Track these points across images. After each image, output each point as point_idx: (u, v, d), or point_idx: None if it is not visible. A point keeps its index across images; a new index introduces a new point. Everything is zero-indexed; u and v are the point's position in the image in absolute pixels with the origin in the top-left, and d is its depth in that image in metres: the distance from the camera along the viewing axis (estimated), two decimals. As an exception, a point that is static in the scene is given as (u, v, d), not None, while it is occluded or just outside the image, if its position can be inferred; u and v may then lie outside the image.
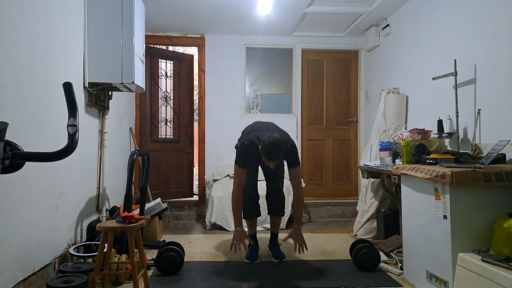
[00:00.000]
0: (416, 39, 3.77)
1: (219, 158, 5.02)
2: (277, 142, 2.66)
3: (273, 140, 2.66)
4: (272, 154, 2.66)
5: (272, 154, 2.66)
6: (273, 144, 2.65)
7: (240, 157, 2.91)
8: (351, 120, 5.26)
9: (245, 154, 2.88)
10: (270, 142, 2.65)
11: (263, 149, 2.68)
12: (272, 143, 2.65)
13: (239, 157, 2.93)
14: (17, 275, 2.04)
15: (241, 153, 2.91)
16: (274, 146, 2.65)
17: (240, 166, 2.90)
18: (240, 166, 2.90)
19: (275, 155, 2.67)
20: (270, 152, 2.66)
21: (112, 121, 3.64)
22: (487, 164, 2.26)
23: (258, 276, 2.79)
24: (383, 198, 3.78)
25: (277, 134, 2.75)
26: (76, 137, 1.45)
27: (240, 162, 2.90)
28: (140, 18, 3.27)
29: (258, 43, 5.13)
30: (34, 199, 2.23)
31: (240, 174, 2.92)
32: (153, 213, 3.71)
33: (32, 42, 2.19)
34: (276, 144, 2.65)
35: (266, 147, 2.66)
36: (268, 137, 2.68)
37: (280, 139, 2.68)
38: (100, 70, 3.00)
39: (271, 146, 2.65)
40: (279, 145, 2.66)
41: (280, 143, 2.67)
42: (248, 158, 2.90)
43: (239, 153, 2.93)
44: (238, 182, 2.92)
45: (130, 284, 2.58)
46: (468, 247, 2.19)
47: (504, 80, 2.60)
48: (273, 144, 2.65)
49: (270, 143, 2.65)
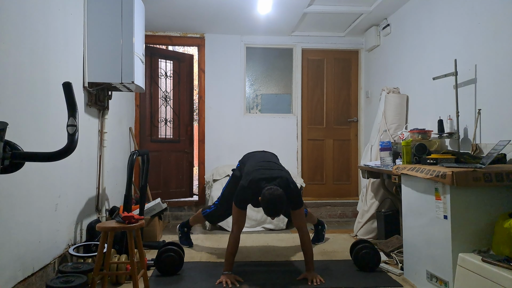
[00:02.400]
0: (416, 39, 3.77)
1: (219, 158, 5.02)
2: (278, 200, 2.52)
3: (274, 197, 2.51)
4: (272, 211, 2.54)
5: (272, 211, 2.54)
6: (274, 202, 2.51)
7: (240, 200, 2.76)
8: (351, 120, 5.26)
9: (245, 199, 2.76)
10: (271, 199, 2.51)
11: (263, 205, 2.55)
12: (273, 200, 2.51)
13: (239, 200, 2.76)
14: (17, 275, 2.04)
15: (241, 197, 2.76)
16: (275, 204, 2.52)
17: (239, 208, 2.75)
18: (240, 208, 2.75)
19: (275, 213, 2.55)
20: (270, 209, 2.54)
21: (111, 121, 3.64)
22: (487, 164, 2.26)
23: (258, 276, 2.78)
24: (384, 198, 3.77)
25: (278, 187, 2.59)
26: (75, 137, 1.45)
27: (240, 204, 2.75)
28: (140, 18, 3.27)
29: (258, 43, 5.12)
30: (34, 199, 2.22)
31: (240, 216, 2.76)
32: (153, 213, 3.71)
33: (32, 42, 2.19)
34: (277, 202, 2.52)
35: (266, 203, 2.53)
36: (269, 193, 2.53)
37: (281, 195, 2.53)
38: (100, 70, 3.00)
39: (271, 203, 2.52)
40: (280, 203, 2.52)
41: (282, 200, 2.53)
42: (247, 201, 2.79)
43: (239, 197, 2.76)
44: (238, 226, 2.75)
45: (130, 284, 2.58)
46: (469, 247, 2.18)
47: (504, 80, 2.60)
48: (274, 201, 2.51)
49: (271, 200, 2.51)
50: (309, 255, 2.74)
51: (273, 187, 2.57)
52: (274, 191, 2.53)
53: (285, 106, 5.27)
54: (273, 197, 2.51)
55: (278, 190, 2.55)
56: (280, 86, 5.29)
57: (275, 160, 3.20)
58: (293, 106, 5.22)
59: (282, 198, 2.53)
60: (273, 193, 2.52)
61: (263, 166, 2.89)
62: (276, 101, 5.28)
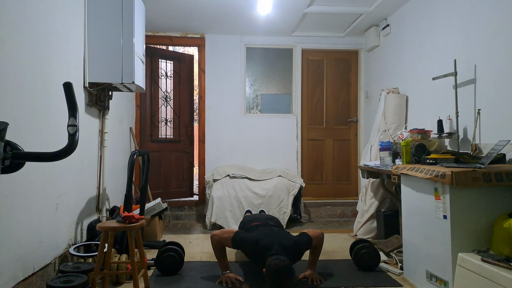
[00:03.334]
0: (416, 39, 3.77)
1: (219, 158, 5.02)
2: (286, 270, 2.30)
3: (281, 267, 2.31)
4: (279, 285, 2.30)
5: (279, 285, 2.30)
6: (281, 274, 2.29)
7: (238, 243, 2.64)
8: (351, 120, 5.27)
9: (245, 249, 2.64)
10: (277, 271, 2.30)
11: (269, 277, 2.32)
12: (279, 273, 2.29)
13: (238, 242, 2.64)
14: (17, 275, 2.04)
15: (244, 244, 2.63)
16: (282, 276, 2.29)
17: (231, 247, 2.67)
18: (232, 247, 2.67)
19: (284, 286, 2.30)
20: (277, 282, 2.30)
21: (112, 121, 3.64)
22: (487, 164, 2.26)
23: (258, 276, 2.79)
24: (383, 198, 3.78)
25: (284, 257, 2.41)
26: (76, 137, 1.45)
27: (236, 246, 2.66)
28: (140, 18, 3.27)
29: (258, 43, 5.13)
30: (34, 199, 2.23)
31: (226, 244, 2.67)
32: (153, 213, 3.72)
33: (32, 42, 2.19)
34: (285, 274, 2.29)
35: (272, 276, 2.30)
36: (275, 264, 2.32)
37: (288, 266, 2.32)
38: (100, 70, 3.00)
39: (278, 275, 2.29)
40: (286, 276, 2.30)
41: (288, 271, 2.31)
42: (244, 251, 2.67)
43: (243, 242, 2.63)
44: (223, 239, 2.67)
45: (130, 284, 2.58)
46: (468, 247, 2.19)
47: (504, 80, 2.60)
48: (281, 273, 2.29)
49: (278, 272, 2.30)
50: (316, 258, 2.75)
51: (279, 257, 2.39)
52: (280, 262, 2.33)
53: (285, 106, 5.27)
54: (281, 266, 2.31)
55: (285, 261, 2.35)
56: (280, 86, 5.29)
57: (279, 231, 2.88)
58: (293, 106, 5.23)
59: (288, 270, 2.33)
60: (278, 264, 2.32)
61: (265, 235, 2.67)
62: (276, 101, 5.28)
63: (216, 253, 2.71)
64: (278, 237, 2.63)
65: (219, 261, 2.71)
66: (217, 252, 2.70)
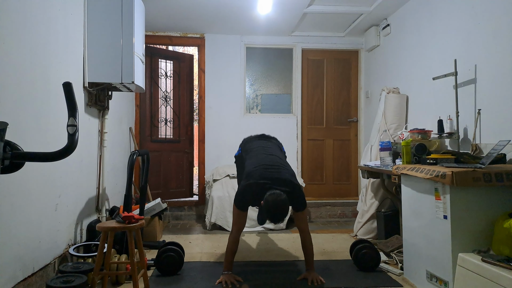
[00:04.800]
0: (416, 39, 3.77)
1: (219, 158, 5.02)
2: (282, 206, 2.42)
3: (278, 202, 2.41)
4: (275, 217, 2.44)
5: (275, 217, 2.44)
6: (277, 208, 2.41)
7: (241, 201, 2.67)
8: (351, 120, 5.26)
9: (246, 200, 2.67)
10: (274, 205, 2.41)
11: (266, 211, 2.44)
12: (276, 207, 2.41)
13: (240, 201, 2.67)
14: (17, 275, 2.04)
15: (242, 198, 2.67)
16: (278, 210, 2.41)
17: (240, 209, 2.67)
18: (240, 209, 2.67)
19: (278, 219, 2.45)
20: (273, 215, 2.43)
21: (112, 121, 3.64)
22: (487, 164, 2.26)
23: (258, 276, 2.78)
24: (383, 198, 3.77)
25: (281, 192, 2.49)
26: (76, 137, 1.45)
27: (241, 205, 2.67)
28: (140, 18, 3.27)
29: (258, 43, 5.13)
30: (34, 199, 2.22)
31: (240, 218, 2.69)
32: (153, 213, 3.71)
33: (32, 42, 2.19)
34: (281, 208, 2.42)
35: (270, 209, 2.42)
36: (272, 199, 2.42)
37: (284, 201, 2.43)
38: (100, 70, 3.00)
39: (275, 208, 2.41)
40: (283, 210, 2.42)
41: (285, 206, 2.43)
42: (248, 202, 2.70)
43: (240, 197, 2.67)
44: (238, 227, 2.68)
45: (130, 284, 2.58)
46: (468, 247, 2.18)
47: (504, 80, 2.60)
48: (277, 207, 2.41)
49: (274, 206, 2.41)
50: (310, 256, 2.73)
51: (276, 192, 2.47)
52: (277, 197, 2.43)
53: (285, 106, 5.27)
54: (276, 202, 2.41)
55: (282, 195, 2.44)
56: (280, 86, 5.29)
57: (278, 153, 3.00)
58: (293, 106, 5.22)
59: (285, 203, 2.44)
60: (276, 198, 2.42)
61: (265, 163, 2.74)
62: (276, 101, 5.28)
63: (228, 251, 2.67)
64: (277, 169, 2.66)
65: (226, 260, 2.67)
66: (230, 250, 2.66)
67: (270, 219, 2.47)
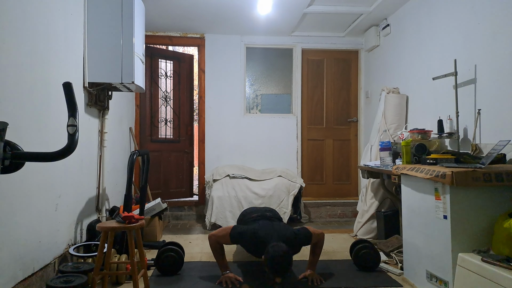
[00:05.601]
0: (416, 39, 3.77)
1: (219, 158, 5.02)
2: (284, 257, 2.33)
3: (279, 254, 2.32)
4: (279, 270, 2.33)
5: (279, 270, 2.33)
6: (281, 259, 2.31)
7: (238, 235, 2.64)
8: (351, 120, 5.26)
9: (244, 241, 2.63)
10: (276, 257, 2.32)
11: (269, 265, 2.34)
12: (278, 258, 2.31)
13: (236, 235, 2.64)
14: (17, 275, 2.04)
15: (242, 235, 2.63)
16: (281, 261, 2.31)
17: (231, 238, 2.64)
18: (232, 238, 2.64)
19: (283, 271, 2.34)
20: (278, 268, 2.32)
21: (112, 121, 3.64)
22: (487, 164, 2.26)
23: (258, 276, 2.78)
24: (383, 198, 3.77)
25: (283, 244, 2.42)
26: (76, 137, 1.45)
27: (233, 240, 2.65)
28: (140, 18, 3.27)
29: (258, 43, 5.13)
30: (34, 199, 2.22)
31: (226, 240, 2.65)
32: (153, 213, 3.71)
33: (32, 42, 2.19)
34: (283, 260, 2.32)
35: (271, 261, 2.33)
36: (273, 251, 2.34)
37: (286, 252, 2.35)
38: (100, 70, 3.00)
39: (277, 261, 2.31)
40: (286, 261, 2.33)
41: (287, 257, 2.35)
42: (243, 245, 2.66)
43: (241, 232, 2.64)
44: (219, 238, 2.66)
45: (130, 284, 2.58)
46: (468, 247, 2.18)
47: (504, 80, 2.60)
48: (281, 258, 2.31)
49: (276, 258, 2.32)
50: (316, 258, 2.75)
51: (277, 244, 2.40)
52: (279, 248, 2.35)
53: (285, 106, 5.27)
54: (280, 252, 2.34)
55: (283, 247, 2.37)
56: (280, 86, 5.29)
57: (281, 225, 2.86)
58: (293, 106, 5.22)
59: (287, 254, 2.36)
60: (278, 250, 2.34)
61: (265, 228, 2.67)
62: (276, 101, 5.28)
63: (215, 254, 2.71)
64: (277, 228, 2.64)
65: (218, 262, 2.71)
66: (216, 253, 2.70)
67: (274, 272, 2.36)
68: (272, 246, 2.40)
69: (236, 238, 2.66)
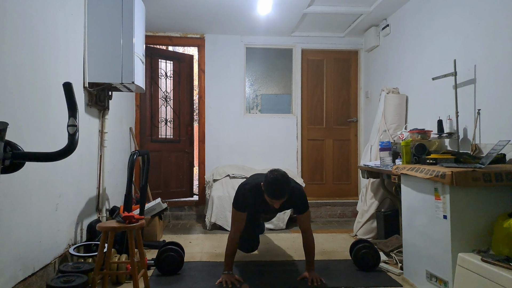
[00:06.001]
0: (416, 39, 3.77)
1: (219, 158, 5.02)
2: (282, 179, 2.46)
3: (277, 176, 2.46)
4: (277, 191, 2.45)
5: (277, 191, 2.45)
6: (278, 181, 2.44)
7: (239, 201, 2.70)
8: (351, 120, 5.27)
9: (245, 198, 2.68)
10: (274, 178, 2.45)
11: (267, 187, 2.47)
12: (277, 179, 2.45)
13: (238, 200, 2.70)
14: (17, 275, 2.04)
15: (240, 197, 2.70)
16: (279, 182, 2.44)
17: (238, 210, 2.68)
18: (239, 210, 2.68)
19: (280, 192, 2.46)
20: (274, 189, 2.45)
21: (112, 121, 3.64)
22: (487, 164, 2.26)
23: (258, 276, 2.79)
24: (383, 198, 3.78)
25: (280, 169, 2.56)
26: (76, 137, 1.45)
27: (239, 205, 2.69)
28: (140, 18, 3.27)
29: (258, 43, 5.13)
30: (34, 199, 2.23)
31: (239, 218, 2.70)
32: (153, 213, 3.72)
33: (32, 42, 2.19)
34: (281, 181, 2.45)
35: (270, 184, 2.45)
36: (271, 174, 2.48)
37: (284, 175, 2.49)
38: (100, 70, 3.00)
39: (275, 182, 2.44)
40: (284, 183, 2.46)
41: (285, 179, 2.47)
42: (248, 203, 2.69)
43: (238, 197, 2.71)
44: (236, 227, 2.69)
45: (130, 284, 2.58)
46: (468, 247, 2.19)
47: (504, 80, 2.60)
48: (277, 180, 2.45)
49: (274, 179, 2.45)
50: (311, 256, 2.74)
51: (275, 169, 2.54)
52: (277, 171, 2.50)
53: (285, 106, 5.27)
54: (277, 175, 2.46)
55: (281, 171, 2.51)
56: (280, 86, 5.29)
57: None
58: (293, 106, 5.23)
59: (286, 176, 2.48)
60: (276, 171, 2.49)
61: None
62: (276, 101, 5.28)
63: (228, 251, 2.67)
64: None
65: (226, 259, 2.68)
66: (229, 251, 2.67)
67: (272, 195, 2.47)
68: (271, 171, 2.52)
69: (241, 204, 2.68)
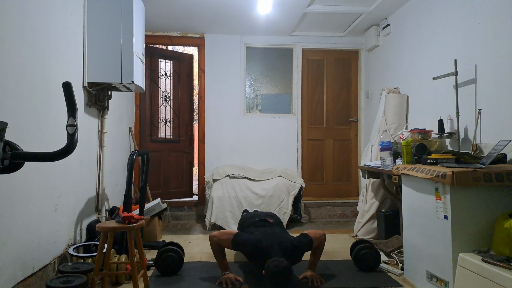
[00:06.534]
0: (416, 39, 3.77)
1: (219, 158, 5.02)
2: (284, 271, 2.32)
3: (280, 269, 2.32)
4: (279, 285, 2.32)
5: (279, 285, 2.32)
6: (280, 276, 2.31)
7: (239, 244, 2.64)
8: (351, 120, 5.26)
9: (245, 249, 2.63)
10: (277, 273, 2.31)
11: (269, 280, 2.35)
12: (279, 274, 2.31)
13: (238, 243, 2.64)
14: (16, 275, 2.04)
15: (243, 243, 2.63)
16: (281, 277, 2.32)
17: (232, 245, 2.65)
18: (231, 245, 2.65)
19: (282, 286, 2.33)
20: (276, 282, 2.32)
21: (111, 121, 3.63)
22: (487, 164, 2.26)
23: (258, 276, 2.78)
24: (384, 198, 3.77)
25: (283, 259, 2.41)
26: (75, 137, 1.45)
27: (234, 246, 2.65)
28: (140, 18, 3.27)
29: (258, 43, 5.12)
30: (34, 199, 2.22)
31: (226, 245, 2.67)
32: (152, 213, 3.71)
33: (32, 42, 2.19)
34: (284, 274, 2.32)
35: (271, 277, 2.33)
36: (274, 266, 2.34)
37: (287, 266, 2.34)
38: (100, 70, 3.00)
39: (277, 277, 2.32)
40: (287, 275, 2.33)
41: (289, 272, 2.34)
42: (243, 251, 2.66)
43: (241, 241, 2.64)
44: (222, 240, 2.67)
45: (130, 284, 2.58)
46: (469, 247, 2.18)
47: (504, 80, 2.60)
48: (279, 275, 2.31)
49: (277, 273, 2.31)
50: (316, 259, 2.75)
51: (278, 259, 2.39)
52: (279, 264, 2.34)
53: (285, 106, 5.27)
54: (280, 267, 2.33)
55: (283, 263, 2.36)
56: (280, 86, 5.29)
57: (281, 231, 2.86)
58: (293, 106, 5.22)
59: (288, 270, 2.35)
60: (278, 265, 2.34)
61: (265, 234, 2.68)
62: (276, 101, 5.28)
63: (215, 254, 2.71)
64: (279, 238, 2.63)
65: (219, 262, 2.71)
66: (216, 253, 2.70)
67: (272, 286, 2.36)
68: (273, 261, 2.37)
69: (238, 245, 2.66)
